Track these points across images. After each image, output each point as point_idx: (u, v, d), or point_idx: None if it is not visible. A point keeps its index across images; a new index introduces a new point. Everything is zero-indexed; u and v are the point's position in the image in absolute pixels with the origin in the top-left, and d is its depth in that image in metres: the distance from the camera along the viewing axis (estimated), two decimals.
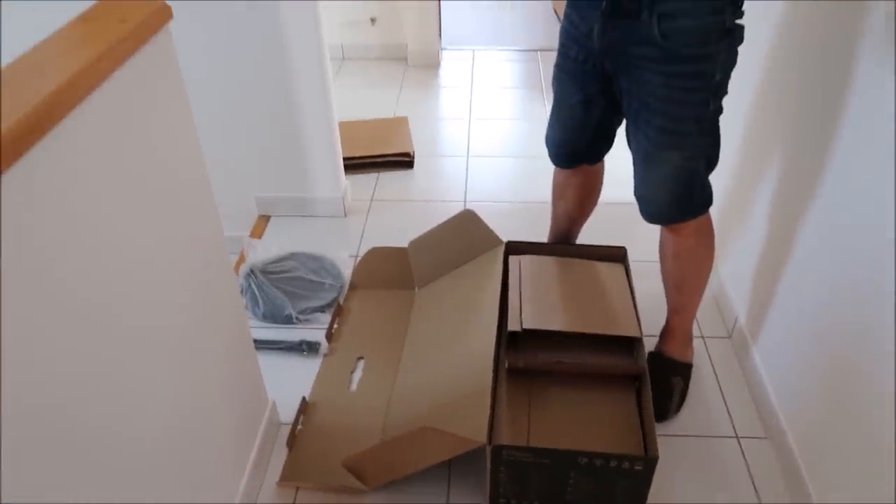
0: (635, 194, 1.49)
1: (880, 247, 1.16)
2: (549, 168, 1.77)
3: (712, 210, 1.49)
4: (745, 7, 1.26)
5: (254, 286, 1.96)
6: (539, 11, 4.11)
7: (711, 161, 1.41)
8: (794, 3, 1.54)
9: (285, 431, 1.60)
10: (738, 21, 1.27)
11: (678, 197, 1.43)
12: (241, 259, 2.12)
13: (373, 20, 3.50)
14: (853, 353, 1.25)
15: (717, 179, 1.46)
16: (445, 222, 1.91)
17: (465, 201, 2.46)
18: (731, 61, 1.31)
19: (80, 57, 0.89)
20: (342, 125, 2.39)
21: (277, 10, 1.97)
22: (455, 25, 3.96)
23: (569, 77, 1.51)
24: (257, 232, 2.31)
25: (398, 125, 2.84)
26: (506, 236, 1.86)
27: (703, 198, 1.45)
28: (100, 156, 0.89)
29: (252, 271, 2.00)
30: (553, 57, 1.58)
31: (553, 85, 1.58)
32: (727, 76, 1.31)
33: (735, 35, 1.28)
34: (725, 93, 1.34)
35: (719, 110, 1.35)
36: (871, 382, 1.19)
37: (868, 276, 1.20)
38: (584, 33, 1.41)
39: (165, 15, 1.07)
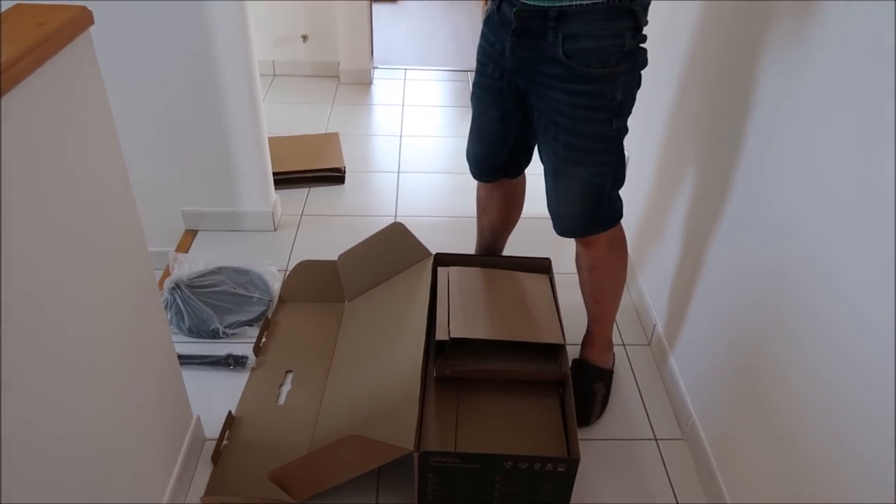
0: (548, 208, 1.54)
1: (786, 261, 1.24)
2: (475, 183, 1.82)
3: (630, 222, 1.56)
4: (660, 27, 1.34)
5: (179, 300, 1.93)
6: (470, 33, 4.21)
7: (618, 177, 1.48)
8: (702, 21, 1.65)
9: (211, 447, 1.57)
10: (640, 44, 1.35)
11: (587, 211, 1.49)
12: (167, 273, 2.07)
13: (304, 38, 3.51)
14: (760, 359, 1.33)
15: (635, 192, 1.53)
16: (375, 235, 1.93)
17: (395, 216, 2.48)
18: (634, 82, 1.38)
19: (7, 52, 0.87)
20: (272, 140, 2.38)
21: (206, 20, 1.96)
22: (387, 45, 4.01)
23: (486, 93, 1.57)
24: (184, 246, 2.27)
25: (329, 140, 2.85)
26: (435, 249, 1.90)
27: (611, 212, 1.51)
28: (13, 162, 0.87)
29: (177, 285, 1.97)
30: None
31: (472, 101, 1.64)
32: (630, 97, 1.39)
33: (636, 58, 1.35)
34: (629, 113, 1.41)
35: (623, 129, 1.41)
36: (778, 385, 1.27)
37: (773, 287, 1.28)
38: (498, 52, 1.47)
39: (86, 19, 1.06)
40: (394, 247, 1.90)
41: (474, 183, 1.82)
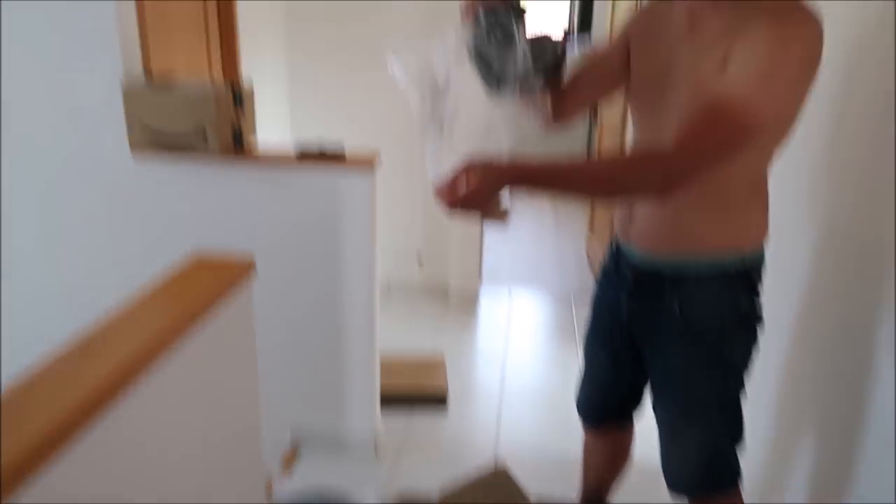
0: (661, 464, 1.47)
1: None
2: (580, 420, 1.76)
3: (747, 483, 1.45)
4: (780, 288, 1.34)
5: None
6: (573, 260, 4.34)
7: (735, 437, 1.40)
8: (812, 290, 1.62)
9: None
10: (756, 307, 1.34)
11: (702, 472, 1.41)
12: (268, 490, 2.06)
13: (420, 262, 3.71)
14: None
15: (750, 453, 1.44)
16: (477, 478, 1.87)
17: (496, 445, 2.41)
18: (751, 343, 1.35)
19: (169, 314, 0.97)
20: (380, 356, 2.44)
21: (336, 242, 2.11)
22: (493, 262, 4.18)
23: (599, 339, 1.59)
24: (287, 464, 2.27)
25: (435, 363, 2.89)
26: (535, 487, 1.81)
27: (728, 474, 1.42)
28: (173, 402, 0.93)
29: None
30: (585, 301, 1.66)
31: (584, 344, 1.66)
32: (747, 357, 1.36)
33: (753, 319, 1.34)
34: (747, 373, 1.37)
35: (741, 389, 1.37)
36: None
37: None
38: (613, 302, 1.49)
39: (250, 268, 1.18)
40: (495, 492, 1.83)
41: (578, 421, 1.77)
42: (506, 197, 1.17)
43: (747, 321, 1.33)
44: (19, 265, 2.24)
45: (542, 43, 1.28)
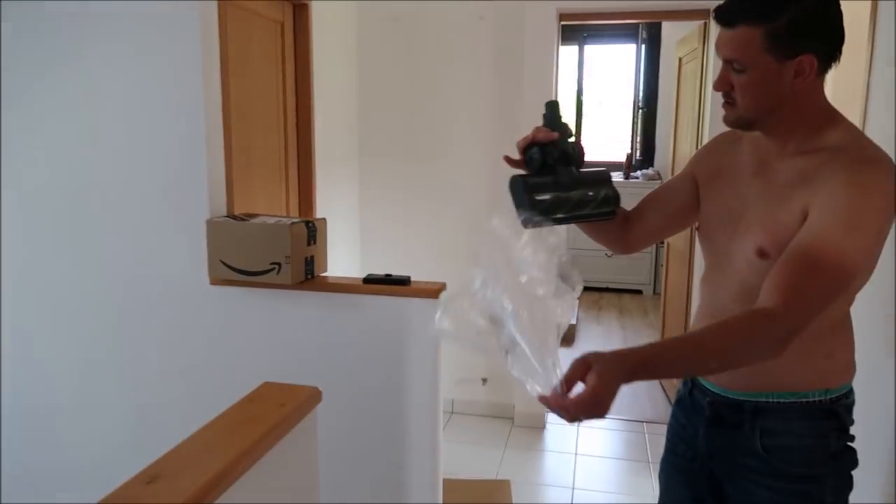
0: None
1: None
2: None
3: None
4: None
5: None
6: (644, 383, 4.23)
7: None
8: None
9: None
10: (847, 443, 1.29)
11: None
12: None
13: (484, 380, 3.72)
14: None
15: None
16: None
17: None
18: (844, 485, 1.29)
19: (243, 439, 1.03)
20: (443, 482, 2.42)
21: (402, 367, 2.16)
22: None
23: (677, 474, 1.52)
24: None
25: (499, 489, 2.83)
26: None
27: None
28: None
29: None
30: (658, 429, 1.61)
31: (660, 478, 1.59)
32: (840, 499, 1.29)
33: (845, 458, 1.28)
34: None
35: None
36: None
37: None
38: (691, 434, 1.44)
39: (316, 398, 1.24)
40: None
41: None
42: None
43: (839, 461, 1.27)
44: (94, 384, 2.38)
45: (596, 177, 1.30)
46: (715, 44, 1.25)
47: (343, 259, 3.54)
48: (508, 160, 1.32)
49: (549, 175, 1.25)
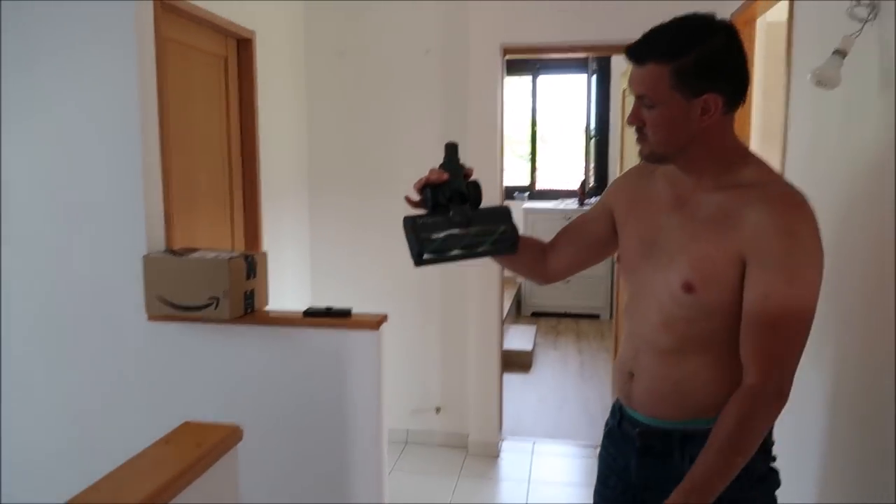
0: None
1: None
2: None
3: None
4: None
5: None
6: (599, 407, 4.27)
7: None
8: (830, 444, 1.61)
9: None
10: (771, 465, 1.32)
11: None
12: None
13: (438, 409, 3.71)
14: None
15: None
16: None
17: None
18: None
19: (155, 480, 1.03)
20: None
21: (343, 399, 2.16)
22: (517, 416, 4.13)
23: None
24: None
25: None
26: None
27: None
28: None
29: None
30: None
31: None
32: None
33: (770, 480, 1.32)
34: None
35: None
36: None
37: None
38: (621, 466, 1.45)
39: (236, 437, 1.24)
40: None
41: None
42: None
43: (764, 483, 1.31)
44: (29, 417, 2.33)
45: (492, 214, 1.34)
46: (628, 80, 1.30)
47: (293, 291, 3.53)
48: (409, 201, 1.36)
49: (442, 214, 1.28)
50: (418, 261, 1.26)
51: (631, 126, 1.30)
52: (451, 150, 1.34)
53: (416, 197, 1.35)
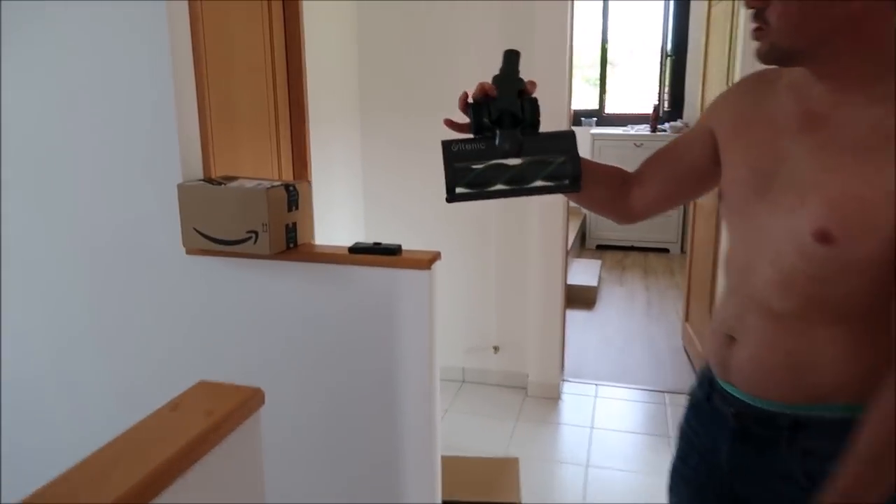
0: None
1: None
2: None
3: None
4: None
5: None
6: (667, 350, 4.02)
7: None
8: None
9: None
10: None
11: None
12: None
13: (496, 349, 3.54)
14: None
15: None
16: None
17: None
18: None
19: (162, 452, 0.86)
20: (445, 460, 2.25)
21: (393, 339, 1.99)
22: (579, 357, 3.93)
23: (688, 488, 1.26)
24: None
25: (507, 468, 2.66)
26: None
27: None
28: None
29: None
30: (681, 400, 1.35)
31: (669, 493, 1.33)
32: None
33: None
34: None
35: None
36: None
37: None
38: (707, 446, 1.19)
39: (257, 400, 1.06)
40: None
41: None
42: None
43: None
44: (71, 360, 2.25)
45: (552, 143, 1.05)
46: None
47: (345, 225, 3.36)
48: (449, 123, 1.10)
49: (487, 140, 1.02)
50: (451, 196, 1.03)
51: (749, 9, 0.96)
52: (511, 58, 1.07)
53: (462, 119, 1.08)
